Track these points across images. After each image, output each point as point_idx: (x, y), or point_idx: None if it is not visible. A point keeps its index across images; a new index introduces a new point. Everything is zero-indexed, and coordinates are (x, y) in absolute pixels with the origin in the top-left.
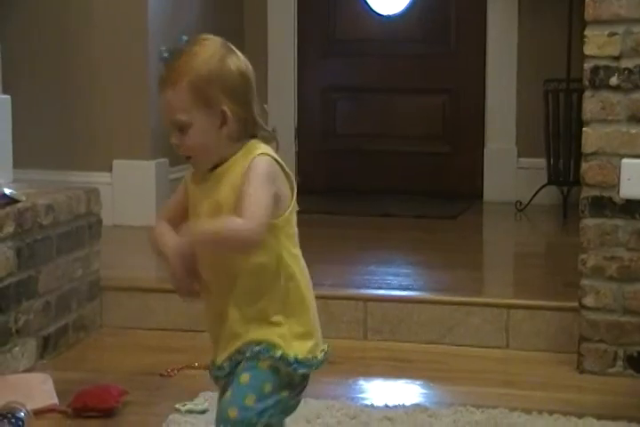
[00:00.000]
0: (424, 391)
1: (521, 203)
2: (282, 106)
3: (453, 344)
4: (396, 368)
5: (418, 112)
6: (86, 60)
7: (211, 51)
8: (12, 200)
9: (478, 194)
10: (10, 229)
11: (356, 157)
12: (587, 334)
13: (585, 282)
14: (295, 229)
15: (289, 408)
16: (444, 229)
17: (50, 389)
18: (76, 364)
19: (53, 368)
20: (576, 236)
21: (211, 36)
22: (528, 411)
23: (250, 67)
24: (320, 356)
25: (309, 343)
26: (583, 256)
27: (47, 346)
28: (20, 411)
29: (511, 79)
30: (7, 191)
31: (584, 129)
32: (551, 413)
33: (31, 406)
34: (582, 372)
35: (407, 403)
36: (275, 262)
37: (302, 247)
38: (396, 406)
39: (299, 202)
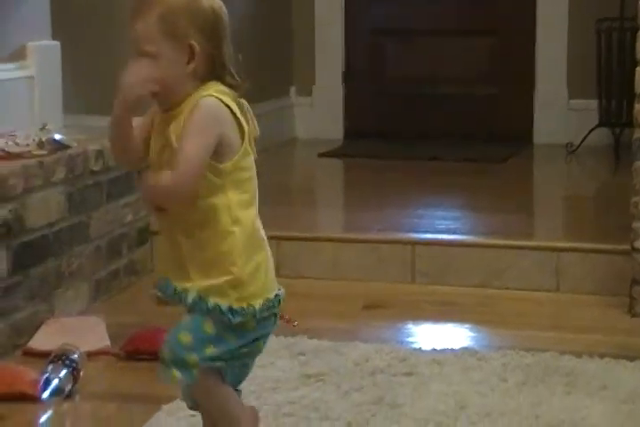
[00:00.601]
0: (473, 335)
1: (572, 145)
2: (329, 48)
3: (502, 288)
4: (444, 312)
5: (466, 54)
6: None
7: None
8: (62, 146)
9: (528, 136)
10: (61, 174)
11: (404, 101)
12: (639, 277)
13: (637, 225)
14: (249, 175)
15: (242, 355)
16: (494, 173)
17: (102, 331)
18: (128, 307)
19: (105, 312)
20: (628, 178)
21: None
22: (578, 354)
23: (224, 9)
24: (258, 305)
25: (244, 293)
26: (635, 199)
27: (99, 290)
28: (74, 353)
29: (562, 19)
30: (58, 137)
31: (637, 69)
32: (602, 356)
33: (84, 348)
34: (634, 315)
35: (456, 346)
36: (221, 206)
37: (350, 191)
38: (444, 350)
39: (347, 145)
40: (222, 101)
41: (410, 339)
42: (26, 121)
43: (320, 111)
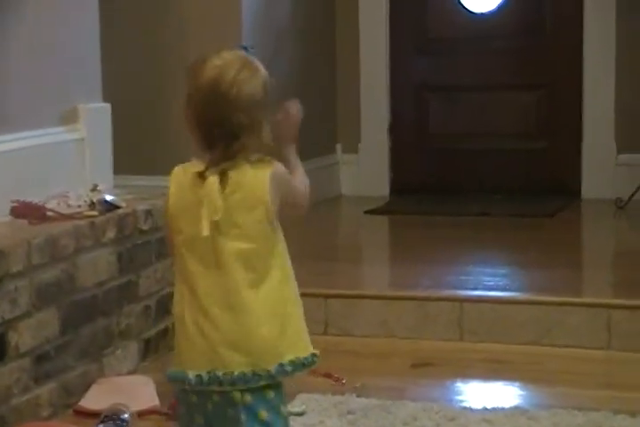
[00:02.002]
0: (522, 393)
1: (621, 200)
2: (375, 104)
3: (552, 345)
4: (493, 370)
5: (512, 108)
6: (181, 64)
7: None
8: (113, 206)
9: (576, 191)
10: (111, 234)
11: (450, 156)
12: None
13: None
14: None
15: None
16: (542, 228)
17: (152, 391)
18: None
19: (154, 370)
20: None
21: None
22: (632, 414)
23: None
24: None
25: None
26: None
27: (148, 349)
28: (125, 413)
29: (609, 72)
30: (108, 198)
31: None
32: None
33: (134, 407)
34: None
35: (506, 405)
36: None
37: (397, 248)
38: (494, 409)
39: (393, 202)
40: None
41: (459, 397)
42: (77, 182)
43: (366, 168)
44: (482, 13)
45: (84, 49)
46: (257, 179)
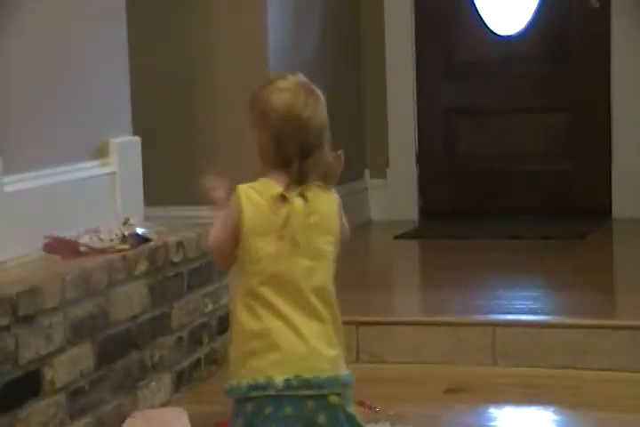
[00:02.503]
0: (557, 418)
1: None
2: (402, 129)
3: (587, 369)
4: (527, 395)
5: (541, 131)
6: (208, 95)
7: None
8: (144, 239)
9: (607, 211)
10: (143, 267)
11: (479, 179)
12: None
13: None
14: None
15: None
16: (573, 250)
17: (185, 423)
18: (210, 397)
19: (188, 402)
20: None
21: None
22: None
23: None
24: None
25: None
26: None
27: (181, 380)
28: None
29: (637, 93)
30: (140, 231)
31: None
32: None
33: None
34: None
35: None
36: None
37: (428, 273)
38: None
39: (423, 227)
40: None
41: (493, 423)
42: (109, 216)
43: (394, 193)
44: (508, 36)
45: (113, 83)
46: (329, 203)
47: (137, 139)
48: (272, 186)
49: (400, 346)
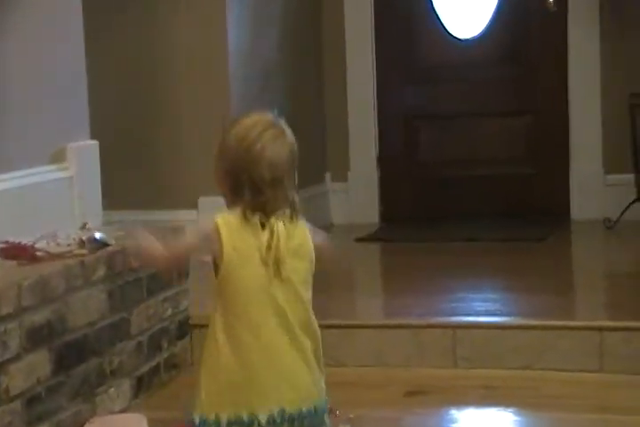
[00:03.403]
0: (518, 419)
1: (610, 220)
2: (363, 133)
3: (545, 369)
4: (487, 396)
5: (500, 135)
6: (169, 99)
7: None
8: (102, 244)
9: (566, 213)
10: (101, 272)
11: (439, 183)
12: None
13: None
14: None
15: None
16: (532, 252)
17: None
18: (169, 402)
19: (147, 408)
20: None
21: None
22: None
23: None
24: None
25: None
26: None
27: (141, 386)
28: None
29: (594, 95)
30: (98, 236)
31: None
32: None
33: None
34: None
35: None
36: None
37: (389, 276)
38: None
39: (383, 230)
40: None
41: (454, 425)
42: (66, 221)
43: (355, 196)
44: (467, 40)
45: (70, 87)
46: (303, 230)
47: (95, 143)
48: (244, 216)
49: (361, 349)
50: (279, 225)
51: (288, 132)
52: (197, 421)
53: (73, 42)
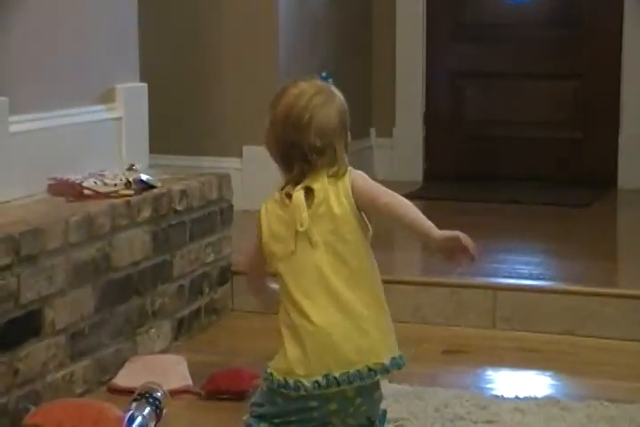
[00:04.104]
0: (555, 383)
1: None
2: (410, 91)
3: (586, 335)
4: (525, 359)
5: (549, 97)
6: (218, 49)
7: None
8: (148, 186)
9: (612, 181)
10: (146, 214)
11: (485, 144)
12: None
13: None
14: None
15: None
16: (577, 217)
17: (184, 370)
18: (209, 347)
19: (187, 350)
20: None
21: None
22: None
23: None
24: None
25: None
26: None
27: (181, 328)
28: (157, 391)
29: None
30: (144, 177)
31: None
32: None
33: (167, 386)
34: None
35: (538, 395)
36: None
37: None
38: (526, 398)
39: (426, 188)
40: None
41: (490, 386)
42: (114, 161)
43: (400, 153)
44: (519, 1)
45: (121, 29)
46: (339, 191)
47: (144, 85)
48: (280, 196)
49: (399, 305)
50: (299, 194)
51: (337, 95)
52: (265, 371)
53: None
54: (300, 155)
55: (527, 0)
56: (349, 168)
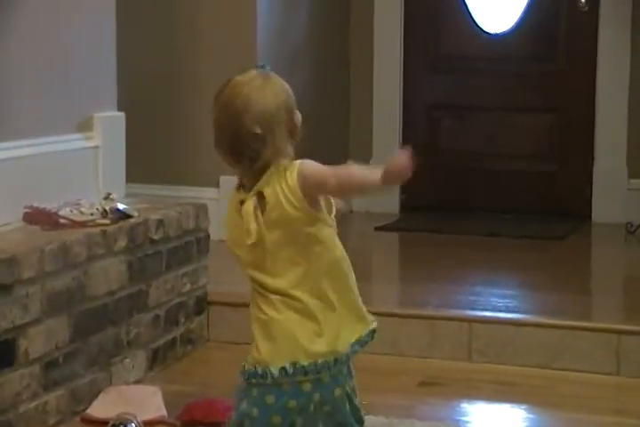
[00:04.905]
0: (529, 416)
1: (632, 225)
2: (387, 122)
3: (561, 369)
4: (500, 392)
5: (525, 131)
6: (196, 79)
7: None
8: (125, 215)
9: (587, 215)
10: (122, 243)
11: (461, 176)
12: None
13: None
14: None
15: None
16: (552, 251)
17: (159, 401)
18: (184, 377)
19: (162, 381)
20: None
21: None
22: None
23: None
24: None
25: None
26: None
27: (156, 358)
28: (132, 422)
29: (622, 97)
30: (121, 207)
31: None
32: None
33: (141, 417)
34: None
35: None
36: None
37: (407, 266)
38: None
39: (403, 219)
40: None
41: (465, 418)
42: (90, 190)
43: None
44: (496, 34)
45: (100, 58)
46: (288, 190)
47: (121, 114)
48: (234, 192)
49: (376, 337)
50: (249, 203)
51: (274, 79)
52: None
53: (104, 12)
54: (243, 146)
55: (504, 33)
56: (294, 162)
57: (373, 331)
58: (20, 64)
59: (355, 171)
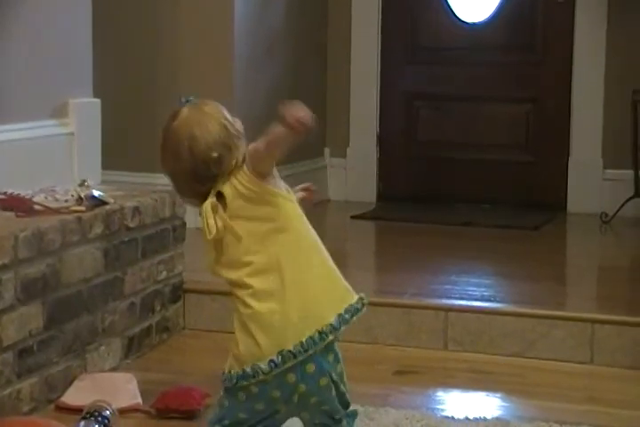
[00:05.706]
0: (504, 404)
1: (606, 215)
2: (364, 112)
3: (535, 358)
4: (476, 380)
5: (501, 121)
6: (172, 64)
7: None
8: (100, 202)
9: (562, 205)
10: (98, 230)
11: (437, 165)
12: None
13: None
14: None
15: None
16: (527, 240)
17: (134, 389)
18: (159, 365)
19: (137, 368)
20: None
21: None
22: None
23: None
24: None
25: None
26: None
27: (131, 346)
28: (107, 410)
29: (598, 89)
30: (96, 193)
31: None
32: None
33: (116, 405)
34: None
35: (488, 416)
36: None
37: (383, 255)
38: (476, 419)
39: (380, 208)
40: None
41: (441, 406)
42: (65, 176)
43: (354, 173)
44: (473, 24)
45: (76, 44)
46: (242, 177)
47: (97, 101)
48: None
49: (352, 326)
50: (207, 203)
51: (206, 108)
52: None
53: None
54: (206, 172)
55: (481, 23)
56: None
57: (361, 299)
58: None
59: (273, 129)
